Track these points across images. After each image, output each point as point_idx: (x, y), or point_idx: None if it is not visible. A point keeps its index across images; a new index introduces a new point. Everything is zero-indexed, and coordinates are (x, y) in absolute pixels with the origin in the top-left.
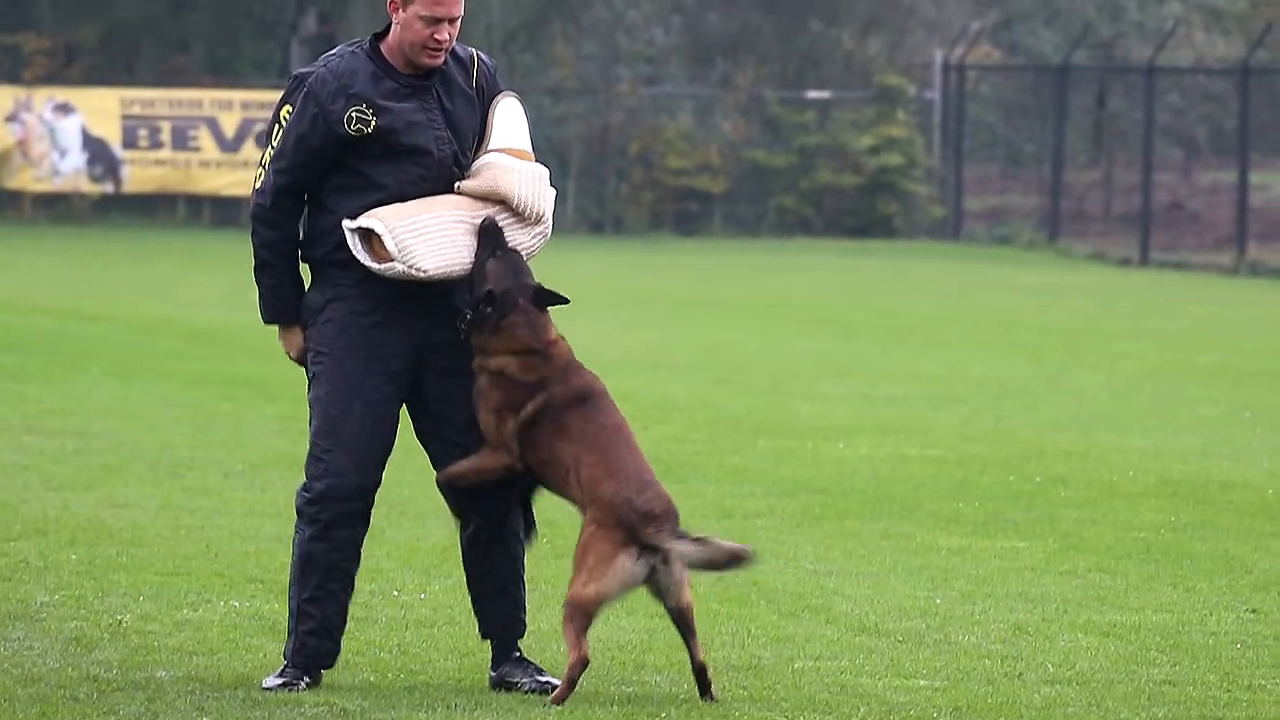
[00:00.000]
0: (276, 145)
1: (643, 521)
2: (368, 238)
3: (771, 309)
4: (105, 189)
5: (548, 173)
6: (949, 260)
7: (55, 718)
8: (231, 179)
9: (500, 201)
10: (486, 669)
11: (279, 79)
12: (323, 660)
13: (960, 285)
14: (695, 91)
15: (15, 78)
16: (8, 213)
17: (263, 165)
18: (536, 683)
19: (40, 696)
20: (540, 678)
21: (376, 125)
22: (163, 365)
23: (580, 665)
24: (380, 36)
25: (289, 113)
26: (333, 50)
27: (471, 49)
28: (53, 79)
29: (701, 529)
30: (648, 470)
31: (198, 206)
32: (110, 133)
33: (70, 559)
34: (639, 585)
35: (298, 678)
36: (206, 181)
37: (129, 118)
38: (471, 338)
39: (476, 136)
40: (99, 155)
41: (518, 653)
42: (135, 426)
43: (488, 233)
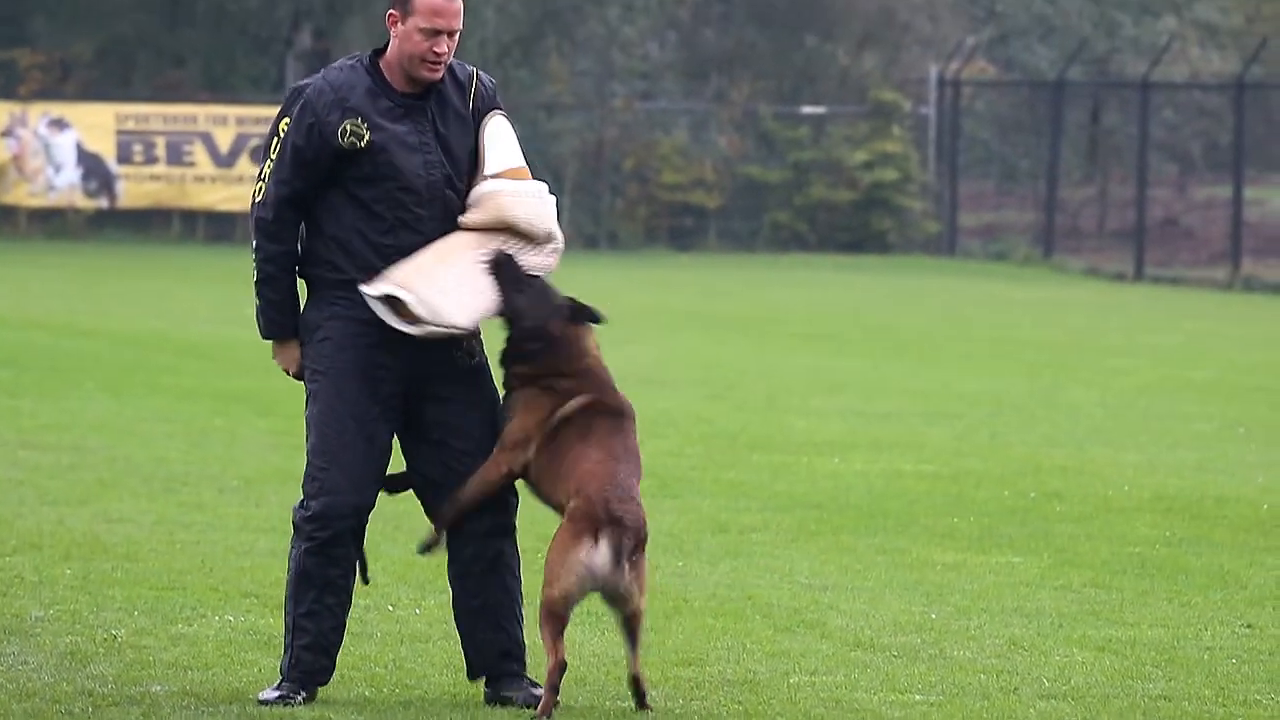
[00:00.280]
0: (276, 156)
1: (607, 521)
2: (391, 300)
3: (766, 324)
4: (100, 204)
5: (546, 186)
6: (944, 276)
7: None
8: (226, 194)
9: (508, 229)
10: (482, 684)
11: (274, 94)
12: (318, 676)
13: (955, 301)
14: (690, 107)
15: (10, 93)
16: (3, 228)
17: (262, 178)
18: (531, 696)
19: (35, 712)
20: (535, 691)
21: (370, 140)
22: (157, 380)
23: (559, 669)
24: (380, 52)
25: (287, 124)
26: (333, 64)
27: (472, 68)
28: (48, 94)
29: (697, 544)
30: (638, 491)
31: (192, 222)
32: (105, 148)
33: (65, 574)
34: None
35: (294, 692)
36: (201, 197)
37: (124, 133)
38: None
39: (471, 158)
40: (94, 170)
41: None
42: (130, 441)
43: (503, 268)
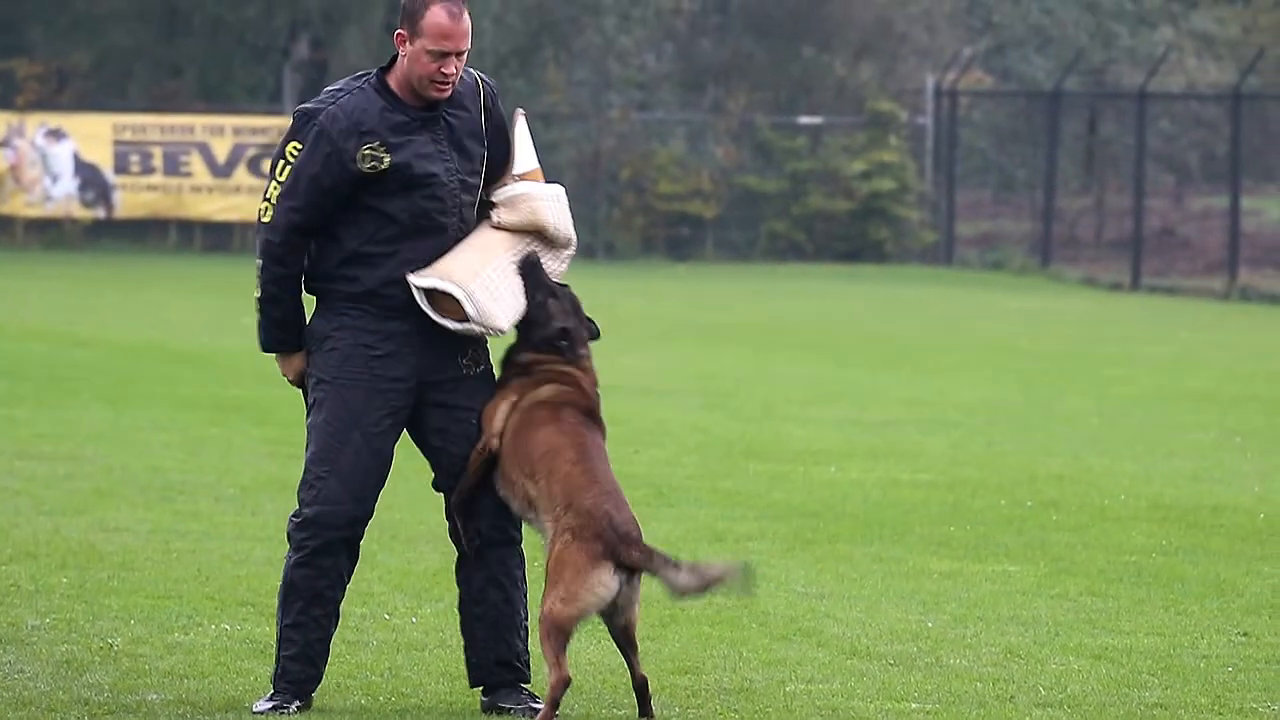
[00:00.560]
0: (286, 183)
1: (621, 541)
2: (432, 293)
3: (763, 334)
4: (97, 214)
5: (563, 190)
6: (941, 285)
7: None
8: (223, 204)
9: (536, 231)
10: (479, 693)
11: (271, 104)
12: (305, 686)
13: (952, 310)
14: (687, 117)
15: (7, 103)
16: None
17: (269, 200)
18: (530, 708)
19: None
20: (534, 704)
21: (391, 163)
22: (153, 390)
23: (562, 685)
24: (386, 70)
25: (296, 149)
26: (337, 85)
27: (474, 71)
28: (45, 105)
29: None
30: (621, 490)
31: (189, 232)
32: (102, 158)
33: (61, 582)
34: (615, 599)
35: (288, 701)
36: (198, 207)
37: (121, 143)
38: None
39: (484, 160)
40: (91, 181)
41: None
42: (126, 451)
43: (535, 270)
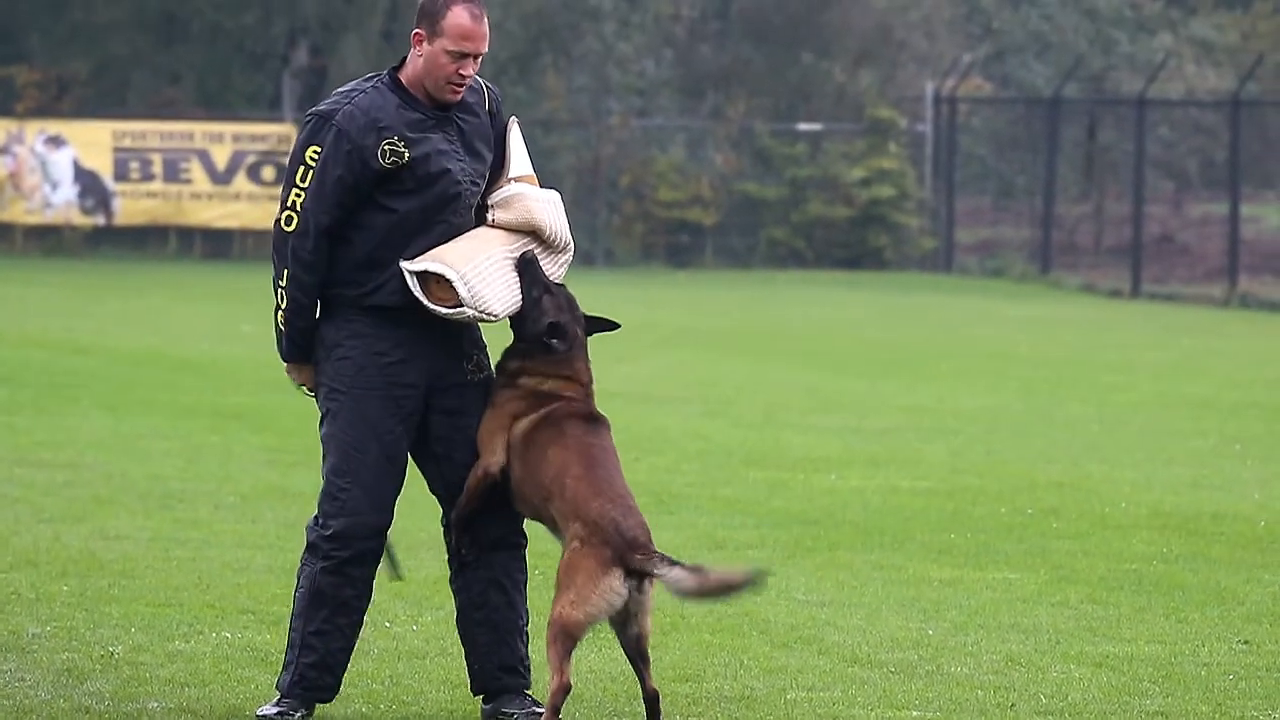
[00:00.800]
0: (311, 187)
1: (629, 547)
2: (425, 279)
3: (763, 341)
4: (97, 221)
5: (559, 195)
6: (940, 292)
7: None
8: (223, 211)
9: (532, 232)
10: (480, 701)
11: (270, 112)
12: (321, 694)
13: (951, 317)
14: (686, 124)
15: (7, 110)
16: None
17: (291, 209)
18: (533, 713)
19: None
20: (537, 709)
21: (410, 157)
22: (154, 397)
23: (563, 692)
24: (396, 70)
25: (316, 153)
26: (348, 86)
27: (480, 78)
28: (44, 112)
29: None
30: (632, 496)
31: (189, 239)
32: (102, 165)
33: (62, 590)
34: (625, 605)
35: (293, 709)
36: (198, 214)
37: (120, 150)
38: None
39: (491, 164)
40: (90, 188)
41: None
42: (126, 458)
43: (531, 266)
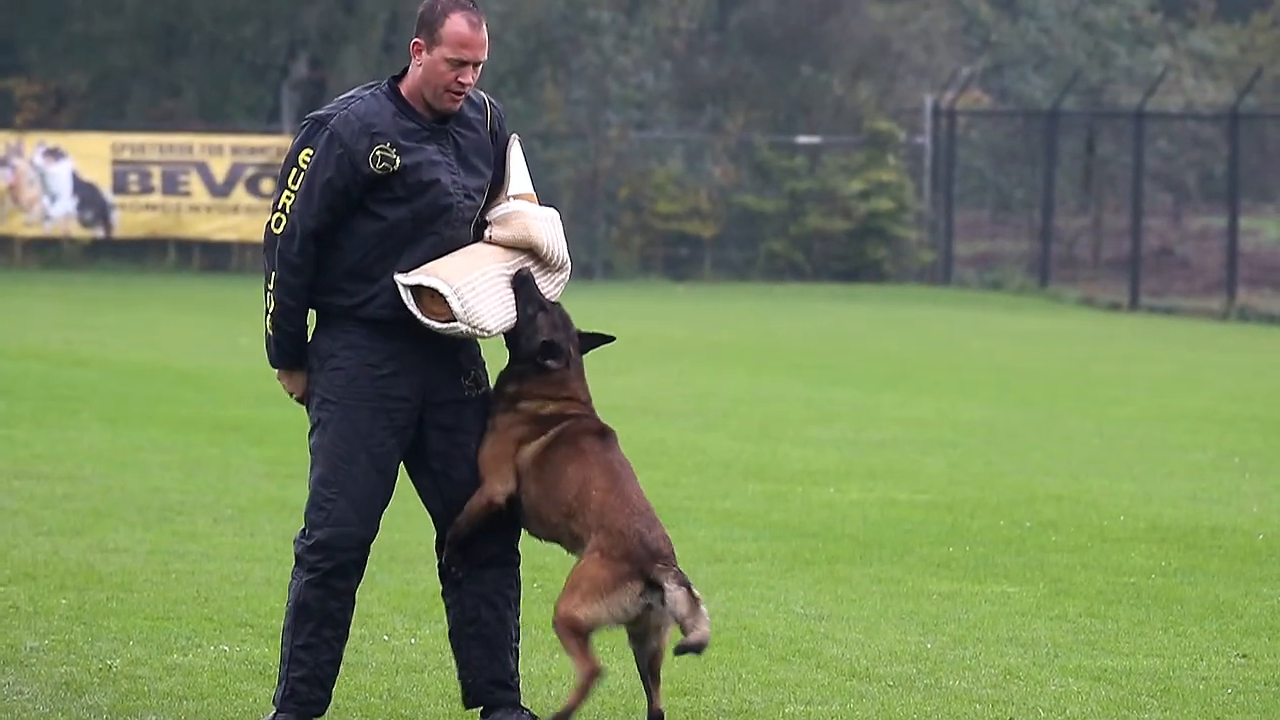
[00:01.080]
0: (300, 190)
1: (651, 558)
2: (419, 293)
3: (761, 354)
4: (96, 234)
5: (558, 215)
6: (939, 305)
7: None
8: (222, 224)
9: (529, 249)
10: (477, 714)
11: (270, 123)
12: (312, 708)
13: (950, 330)
14: (685, 136)
15: (6, 123)
16: None
17: (281, 210)
18: None
19: None
20: None
21: (401, 164)
22: (152, 410)
23: (592, 676)
24: (397, 79)
25: (309, 156)
26: (348, 94)
27: (483, 93)
28: (43, 124)
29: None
30: (653, 509)
31: (188, 251)
32: (101, 177)
33: (60, 604)
34: (629, 620)
35: None
36: (197, 226)
37: (119, 162)
38: (508, 385)
39: (489, 180)
40: (89, 200)
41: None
42: (125, 471)
43: (526, 284)
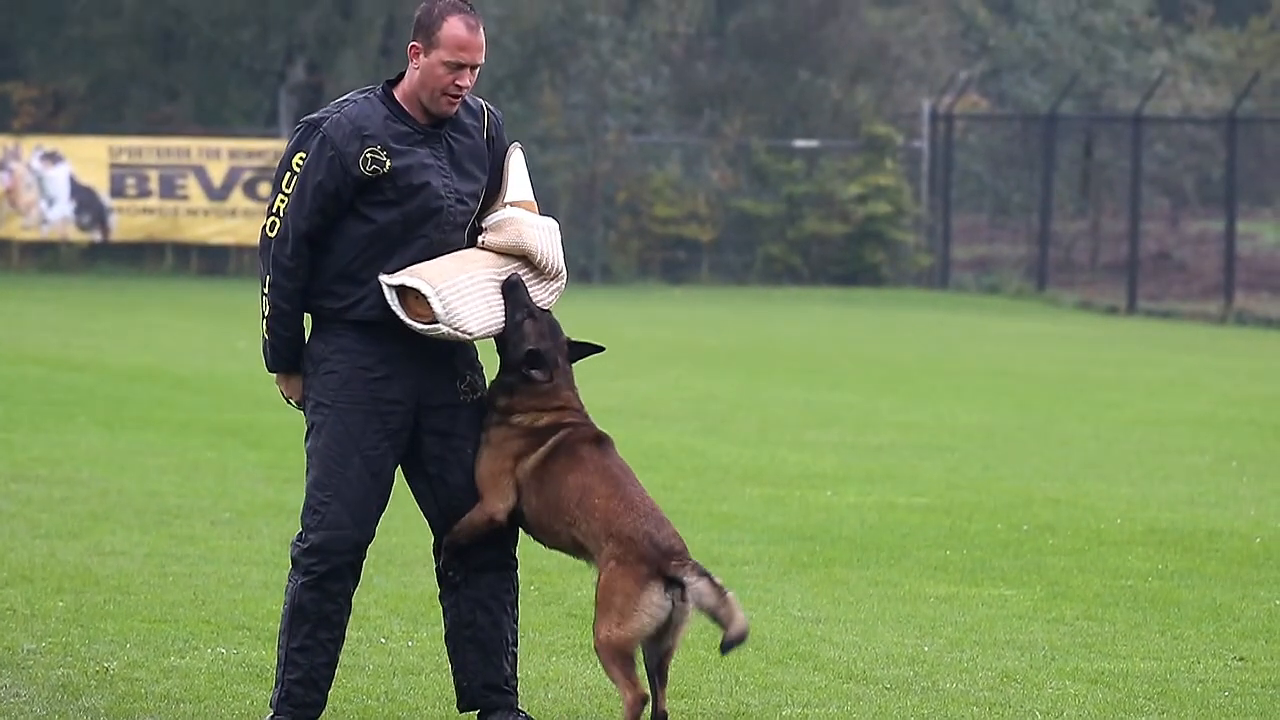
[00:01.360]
0: (292, 193)
1: (665, 556)
2: (403, 294)
3: (759, 357)
4: (93, 237)
5: (557, 224)
6: (936, 309)
7: None
8: (219, 228)
9: (522, 257)
10: (474, 716)
11: (267, 128)
12: (308, 711)
13: (948, 334)
14: (683, 140)
15: (3, 126)
16: None
17: (275, 214)
18: None
19: None
20: None
21: (391, 167)
22: (149, 413)
23: (639, 702)
24: (393, 83)
25: (302, 159)
26: (343, 97)
27: (480, 99)
28: (40, 128)
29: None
30: (659, 508)
31: (185, 255)
32: (98, 181)
33: (57, 606)
34: (665, 619)
35: None
36: (194, 230)
37: (117, 166)
38: (498, 397)
39: (484, 187)
40: (87, 204)
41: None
42: (122, 474)
43: (515, 290)
